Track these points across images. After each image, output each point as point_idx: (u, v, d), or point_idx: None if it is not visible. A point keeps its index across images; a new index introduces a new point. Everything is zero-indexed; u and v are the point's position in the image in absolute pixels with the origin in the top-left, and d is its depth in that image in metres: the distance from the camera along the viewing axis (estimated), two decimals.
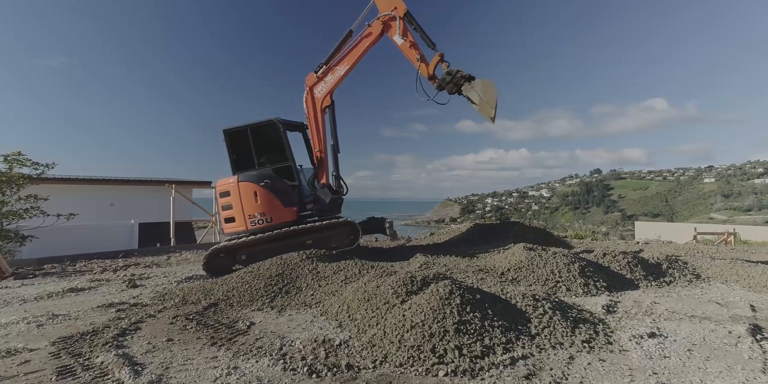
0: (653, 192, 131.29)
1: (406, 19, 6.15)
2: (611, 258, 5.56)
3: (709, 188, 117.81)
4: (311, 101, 6.43)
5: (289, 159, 6.58)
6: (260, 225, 6.07)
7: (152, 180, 15.19)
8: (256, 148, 6.71)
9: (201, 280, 5.04)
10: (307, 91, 6.38)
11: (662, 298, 4.47)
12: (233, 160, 6.59)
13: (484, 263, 5.52)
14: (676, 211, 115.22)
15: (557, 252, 5.35)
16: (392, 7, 6.15)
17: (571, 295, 4.57)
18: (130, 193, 14.61)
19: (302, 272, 4.78)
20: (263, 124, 6.57)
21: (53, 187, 11.92)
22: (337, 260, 5.34)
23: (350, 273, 4.65)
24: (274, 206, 6.15)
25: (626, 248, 8.75)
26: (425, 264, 5.15)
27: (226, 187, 6.22)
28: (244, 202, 6.07)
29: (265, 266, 4.84)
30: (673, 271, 5.42)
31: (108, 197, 14.26)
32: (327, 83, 6.34)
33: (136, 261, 7.41)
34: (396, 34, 6.16)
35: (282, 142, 6.52)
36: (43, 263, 7.04)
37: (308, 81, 6.43)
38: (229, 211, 6.16)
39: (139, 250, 8.97)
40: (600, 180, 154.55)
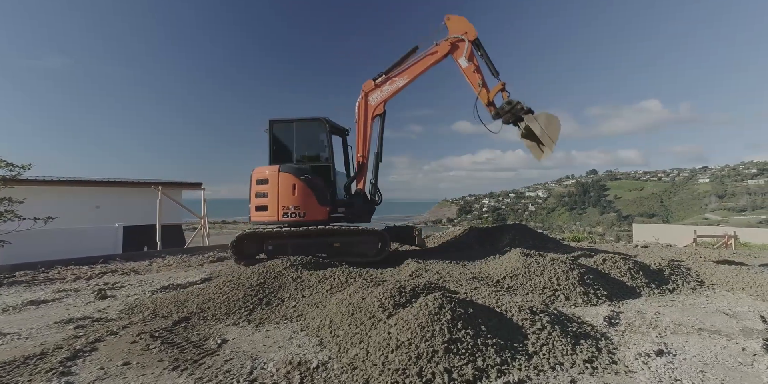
0: (649, 193, 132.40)
1: (475, 44, 6.35)
2: (611, 264, 5.34)
3: (703, 189, 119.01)
4: (364, 107, 6.52)
5: (329, 159, 6.62)
6: (292, 218, 6.00)
7: (138, 181, 14.77)
8: (298, 143, 6.81)
9: (178, 289, 4.71)
10: (362, 96, 6.50)
11: (666, 308, 4.24)
12: (273, 151, 6.61)
13: (478, 270, 5.27)
14: (671, 211, 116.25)
15: (555, 258, 5.12)
16: (463, 31, 6.34)
17: (570, 304, 4.33)
18: (117, 195, 14.23)
19: (285, 281, 4.50)
20: (310, 120, 6.68)
21: (33, 189, 11.53)
22: (323, 268, 5.06)
23: (336, 282, 4.39)
24: (309, 202, 6.12)
25: (626, 252, 8.59)
26: (417, 271, 4.89)
27: (265, 175, 6.14)
28: (281, 192, 6.02)
29: (246, 275, 4.56)
30: (676, 278, 5.20)
31: (93, 199, 13.83)
32: (383, 92, 6.48)
33: (115, 267, 7.07)
34: (462, 57, 6.34)
35: (325, 142, 6.63)
36: (16, 270, 6.69)
37: (365, 87, 6.54)
38: (262, 199, 6.10)
39: (121, 255, 8.60)
40: (596, 180, 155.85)
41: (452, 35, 6.37)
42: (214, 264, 7.29)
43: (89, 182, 13.62)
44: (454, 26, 6.38)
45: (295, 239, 5.93)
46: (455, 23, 6.39)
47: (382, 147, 6.76)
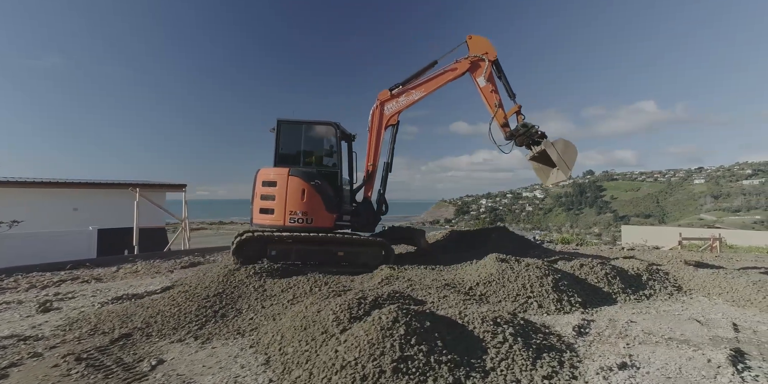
0: (645, 193, 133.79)
1: (494, 65, 6.48)
2: (588, 269, 5.27)
3: (698, 189, 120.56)
4: (379, 116, 6.53)
5: (338, 165, 6.57)
6: (299, 224, 5.93)
7: (118, 183, 14.43)
8: (306, 146, 6.75)
9: (132, 300, 4.52)
10: (378, 105, 6.51)
11: (640, 316, 4.18)
12: (279, 152, 6.49)
13: (452, 276, 5.17)
14: (667, 212, 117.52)
15: (531, 263, 5.04)
16: (484, 51, 6.45)
17: (542, 312, 4.25)
18: (97, 196, 13.90)
19: (246, 291, 4.36)
20: (321, 124, 6.65)
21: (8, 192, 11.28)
22: (288, 275, 4.92)
23: (300, 291, 4.27)
24: (317, 208, 6.06)
25: (611, 254, 8.56)
26: (388, 278, 4.77)
27: (273, 177, 6.04)
28: (290, 197, 5.93)
29: (204, 284, 4.42)
30: (654, 283, 5.15)
31: (71, 201, 13.51)
32: (399, 103, 6.51)
33: (78, 274, 6.84)
34: (481, 76, 6.43)
35: (334, 147, 6.60)
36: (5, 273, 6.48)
37: (381, 96, 6.54)
38: (268, 201, 5.98)
39: (92, 261, 8.34)
40: (593, 181, 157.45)
41: (473, 54, 6.50)
42: (185, 270, 7.08)
43: (67, 184, 13.30)
44: (475, 46, 6.51)
45: (300, 245, 5.91)
46: (476, 43, 6.52)
47: (393, 157, 6.78)
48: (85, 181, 13.91)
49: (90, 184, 13.80)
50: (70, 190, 13.33)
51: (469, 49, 6.57)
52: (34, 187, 12.52)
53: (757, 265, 7.48)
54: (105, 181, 14.61)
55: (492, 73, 6.50)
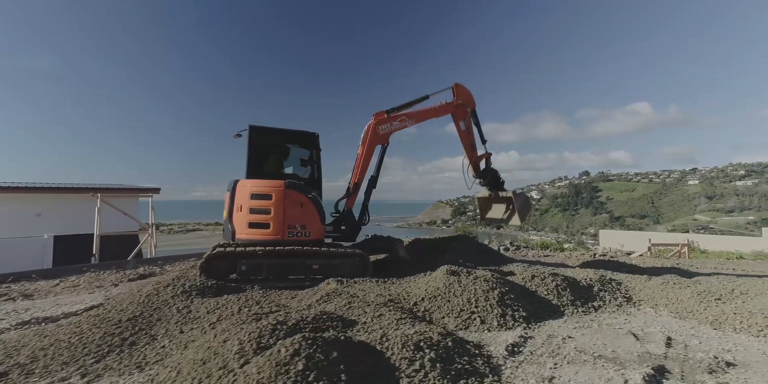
0: (640, 194, 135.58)
1: (473, 113, 7.69)
2: (539, 281, 5.28)
3: (693, 190, 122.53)
4: (372, 134, 6.96)
5: (318, 176, 6.77)
6: (297, 237, 6.05)
7: (83, 187, 14.07)
8: (285, 156, 6.89)
9: (44, 323, 4.29)
10: (373, 124, 6.97)
11: (581, 330, 4.17)
12: (253, 161, 6.39)
13: (401, 290, 5.11)
14: (662, 212, 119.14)
15: (480, 276, 5.01)
16: (466, 100, 7.63)
17: (484, 328, 4.21)
18: (63, 202, 13.61)
19: (168, 313, 4.12)
20: (302, 133, 6.81)
21: None
22: (223, 293, 4.81)
23: (227, 312, 4.09)
24: (313, 221, 6.22)
25: (575, 262, 8.59)
26: (330, 294, 4.67)
27: (267, 190, 5.98)
28: (289, 210, 6.00)
29: (120, 306, 4.18)
30: (604, 294, 5.17)
31: (34, 207, 13.21)
32: (392, 126, 7.12)
33: (13, 289, 6.58)
34: (462, 121, 7.63)
35: (314, 157, 6.77)
36: None
37: (377, 116, 7.04)
38: (263, 215, 5.93)
39: (39, 272, 7.97)
40: (588, 182, 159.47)
41: (458, 101, 7.53)
42: (132, 283, 6.83)
43: (31, 189, 13.01)
44: (460, 94, 7.59)
45: (272, 259, 5.81)
46: (461, 92, 7.60)
47: (379, 173, 7.23)
48: (49, 186, 13.61)
49: (55, 189, 13.50)
50: (33, 195, 13.02)
51: (455, 95, 7.62)
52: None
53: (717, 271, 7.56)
54: (72, 185, 14.31)
55: (471, 120, 7.67)
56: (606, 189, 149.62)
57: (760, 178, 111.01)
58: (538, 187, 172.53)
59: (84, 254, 11.23)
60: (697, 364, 3.26)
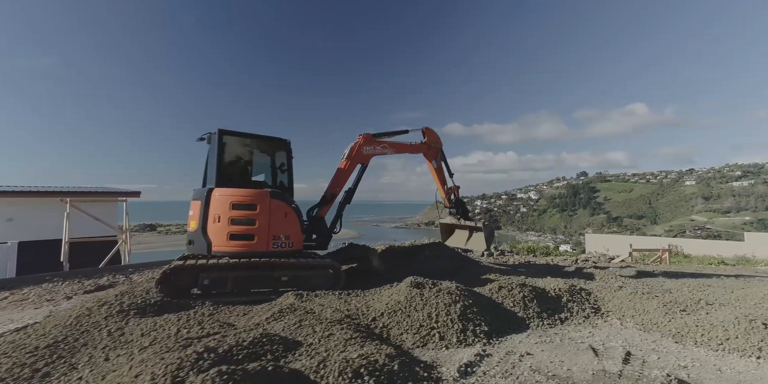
0: (637, 194, 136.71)
1: (441, 151, 8.77)
2: (506, 292, 5.22)
3: (690, 191, 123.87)
4: (356, 152, 7.44)
5: (290, 184, 6.75)
6: (282, 248, 6.01)
7: (46, 191, 13.57)
8: (257, 163, 6.83)
9: None
10: (358, 144, 7.47)
11: (541, 346, 4.11)
12: (222, 168, 6.13)
13: (362, 304, 5.01)
14: (659, 213, 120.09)
15: (444, 289, 4.94)
16: (435, 141, 8.68)
17: (443, 345, 4.13)
18: (34, 206, 13.30)
19: (97, 336, 3.87)
20: (274, 139, 6.77)
21: None
22: (161, 313, 4.57)
23: (164, 335, 3.86)
24: (297, 231, 6.22)
25: (548, 270, 8.55)
26: (285, 310, 4.50)
27: (250, 199, 5.84)
28: (273, 220, 5.92)
29: (44, 329, 3.94)
30: (572, 305, 5.13)
31: (6, 212, 12.89)
32: (375, 150, 7.72)
33: None
34: (434, 160, 8.67)
35: (285, 165, 6.75)
36: None
37: (364, 137, 7.57)
38: (246, 226, 5.78)
39: None
40: (586, 182, 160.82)
41: (428, 143, 8.57)
42: (88, 295, 6.53)
43: (2, 193, 12.71)
44: (430, 136, 8.63)
45: (238, 272, 5.61)
46: (431, 135, 8.64)
47: (356, 189, 7.57)
48: (21, 190, 13.34)
49: (25, 193, 13.21)
50: (5, 199, 12.74)
51: (425, 137, 8.61)
52: None
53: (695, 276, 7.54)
54: (41, 188, 13.99)
55: (440, 157, 8.72)
56: (604, 189, 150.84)
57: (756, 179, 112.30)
58: (537, 187, 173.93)
59: (56, 261, 10.96)
60: (650, 383, 3.19)
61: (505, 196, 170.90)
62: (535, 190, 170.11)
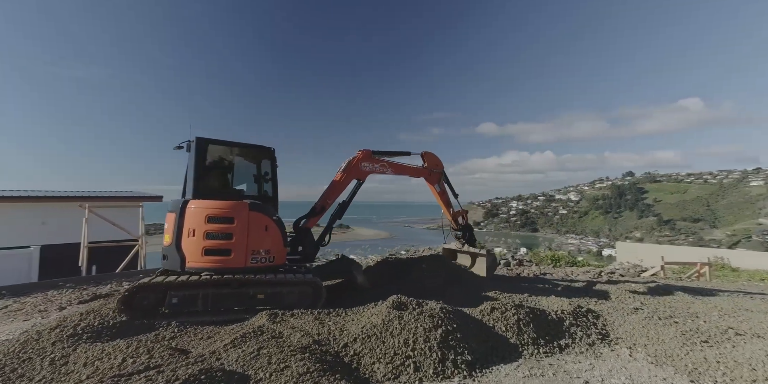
0: (693, 195, 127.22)
1: (443, 174, 8.81)
2: (499, 314, 4.84)
3: (756, 191, 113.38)
4: (354, 167, 7.46)
5: (275, 194, 6.70)
6: (261, 264, 5.81)
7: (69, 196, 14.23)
8: (239, 173, 6.72)
9: None
10: (357, 159, 7.51)
11: (530, 380, 3.74)
12: (200, 178, 6.02)
13: (337, 326, 4.77)
14: (719, 215, 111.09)
15: (426, 311, 4.62)
16: (435, 165, 8.64)
17: (417, 377, 3.86)
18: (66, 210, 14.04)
19: (38, 366, 3.70)
20: (257, 148, 6.68)
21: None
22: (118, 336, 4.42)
23: (106, 365, 3.66)
24: (278, 244, 6.05)
25: (575, 280, 7.89)
26: (249, 334, 4.28)
27: (227, 212, 5.66)
28: (252, 234, 5.73)
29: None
30: (576, 330, 4.66)
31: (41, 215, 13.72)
32: (373, 167, 7.75)
33: None
34: (436, 183, 8.67)
35: (269, 174, 6.70)
36: None
37: (363, 153, 7.60)
38: (222, 240, 5.59)
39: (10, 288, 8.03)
40: (633, 183, 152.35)
41: (428, 168, 8.50)
42: (81, 305, 6.59)
43: (37, 198, 13.64)
44: (430, 160, 8.58)
45: (210, 289, 5.44)
46: (430, 158, 8.60)
47: (350, 202, 7.55)
48: (46, 195, 14.19)
49: (54, 198, 14.05)
50: (40, 204, 13.61)
51: (425, 162, 8.59)
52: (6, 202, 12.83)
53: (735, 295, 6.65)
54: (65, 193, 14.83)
55: (443, 181, 8.72)
56: (653, 190, 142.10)
57: None
58: (577, 188, 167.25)
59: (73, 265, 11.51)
60: None
61: (542, 197, 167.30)
62: (576, 191, 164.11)
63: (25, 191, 14.82)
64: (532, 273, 9.75)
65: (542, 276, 9.41)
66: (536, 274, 9.53)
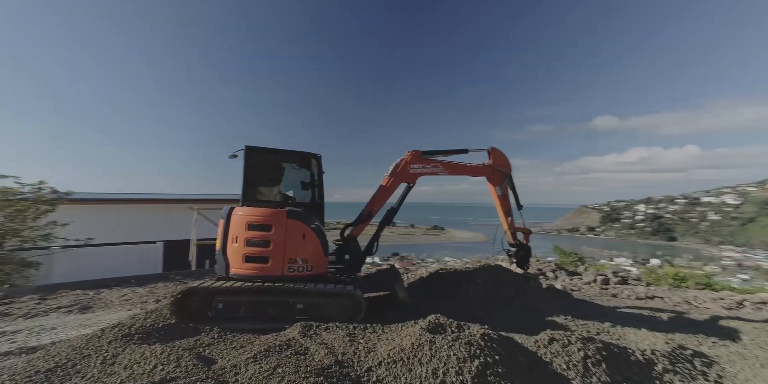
0: None
1: (509, 176, 8.09)
2: (560, 348, 4.03)
3: None
4: (402, 170, 7.30)
5: (321, 201, 6.76)
6: (299, 273, 5.89)
7: (181, 199, 17.26)
8: (285, 180, 6.99)
9: (24, 354, 4.70)
10: (405, 161, 7.35)
11: None
12: (249, 186, 6.43)
13: (366, 346, 4.49)
14: None
15: (464, 336, 4.05)
16: (502, 165, 7.94)
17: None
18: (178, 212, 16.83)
19: (91, 363, 4.04)
20: (303, 154, 6.86)
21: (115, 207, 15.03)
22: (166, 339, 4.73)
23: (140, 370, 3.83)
24: (317, 253, 6.07)
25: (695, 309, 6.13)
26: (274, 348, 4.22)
27: (266, 219, 5.86)
28: (290, 242, 5.82)
29: (57, 348, 4.38)
30: (671, 379, 3.56)
31: (165, 215, 16.72)
32: (424, 169, 7.45)
33: (95, 296, 8.33)
34: (498, 186, 7.97)
35: (316, 181, 6.80)
36: (52, 290, 8.81)
37: (413, 154, 7.45)
38: (260, 248, 5.78)
39: (138, 278, 10.11)
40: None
41: (494, 166, 7.85)
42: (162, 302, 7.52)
43: (161, 200, 17.03)
44: (496, 158, 7.93)
45: (251, 296, 5.72)
46: (497, 156, 7.95)
47: (399, 208, 7.43)
48: (169, 198, 17.52)
49: (175, 201, 17.26)
50: (163, 205, 16.84)
51: (491, 159, 7.93)
52: (135, 204, 16.22)
53: None
54: (179, 196, 18.08)
55: (507, 185, 7.99)
56: None
57: None
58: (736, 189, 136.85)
59: (198, 260, 13.53)
60: None
61: (682, 199, 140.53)
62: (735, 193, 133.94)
63: (150, 194, 18.30)
64: (634, 295, 8.00)
65: (648, 300, 7.61)
66: (639, 297, 7.78)
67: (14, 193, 10.85)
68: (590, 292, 8.96)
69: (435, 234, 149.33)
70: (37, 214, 10.83)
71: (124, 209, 15.93)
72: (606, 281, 9.66)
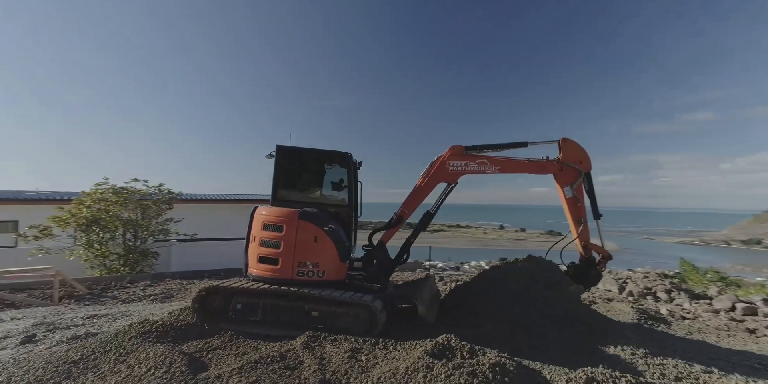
0: None
1: (586, 175, 6.74)
2: None
3: None
4: (438, 167, 6.59)
5: (351, 202, 6.36)
6: (309, 277, 5.65)
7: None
8: (314, 180, 6.91)
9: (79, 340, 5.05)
10: (445, 157, 6.63)
11: None
12: (278, 186, 6.36)
13: (363, 365, 4.04)
14: None
15: (469, 365, 3.36)
16: (578, 160, 6.63)
17: None
18: None
19: (108, 359, 4.18)
20: (333, 154, 6.50)
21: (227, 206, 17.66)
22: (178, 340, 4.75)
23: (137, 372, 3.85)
24: (330, 258, 5.79)
25: None
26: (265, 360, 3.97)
27: (279, 220, 5.73)
28: (299, 245, 5.61)
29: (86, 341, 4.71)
30: None
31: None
32: (467, 166, 6.62)
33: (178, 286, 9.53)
34: (568, 186, 6.59)
35: (345, 181, 6.40)
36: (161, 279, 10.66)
37: (454, 149, 6.63)
38: (271, 249, 5.66)
39: (228, 271, 11.57)
40: None
41: (564, 161, 6.56)
42: None
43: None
44: (569, 151, 6.60)
45: (268, 299, 5.63)
46: (571, 149, 6.61)
47: (437, 212, 6.85)
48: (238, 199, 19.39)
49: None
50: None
51: (561, 152, 6.63)
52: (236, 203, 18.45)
53: None
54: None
55: (582, 185, 6.61)
56: None
57: None
58: None
59: None
60: None
61: None
62: None
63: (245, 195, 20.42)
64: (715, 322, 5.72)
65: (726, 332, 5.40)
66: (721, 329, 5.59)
67: (144, 194, 12.96)
68: (709, 323, 6.86)
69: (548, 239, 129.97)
70: (158, 211, 12.91)
71: (224, 208, 17.94)
72: (749, 311, 7.16)
